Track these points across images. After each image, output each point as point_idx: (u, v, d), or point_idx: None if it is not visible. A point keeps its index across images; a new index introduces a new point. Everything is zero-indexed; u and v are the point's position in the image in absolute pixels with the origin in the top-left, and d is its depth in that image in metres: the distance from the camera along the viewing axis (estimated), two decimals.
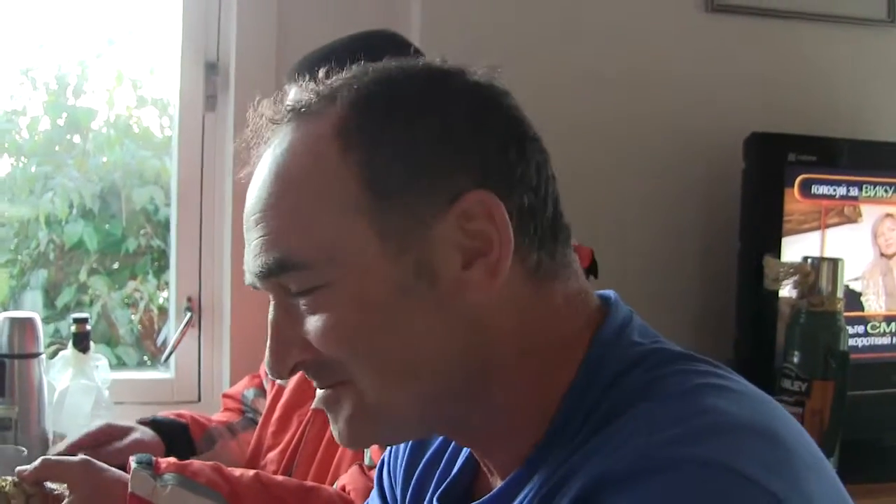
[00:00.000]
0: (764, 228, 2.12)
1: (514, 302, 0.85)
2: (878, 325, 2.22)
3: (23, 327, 1.93)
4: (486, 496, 0.89)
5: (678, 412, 0.76)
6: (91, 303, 2.54)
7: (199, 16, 2.18)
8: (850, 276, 2.13)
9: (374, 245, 0.83)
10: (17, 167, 2.65)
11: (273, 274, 0.85)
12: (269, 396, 1.81)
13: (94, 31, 2.60)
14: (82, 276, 2.59)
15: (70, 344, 2.00)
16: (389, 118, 0.85)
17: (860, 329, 2.20)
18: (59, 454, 1.61)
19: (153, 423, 1.79)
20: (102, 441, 1.70)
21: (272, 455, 1.73)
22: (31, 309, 2.37)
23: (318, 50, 1.66)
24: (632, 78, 2.25)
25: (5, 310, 2.30)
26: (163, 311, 2.57)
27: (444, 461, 1.01)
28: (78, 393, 1.96)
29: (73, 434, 1.90)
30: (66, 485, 1.30)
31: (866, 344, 2.23)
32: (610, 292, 0.93)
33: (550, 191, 0.88)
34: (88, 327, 2.02)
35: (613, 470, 0.73)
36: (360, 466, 1.46)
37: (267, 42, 2.12)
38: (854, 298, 2.17)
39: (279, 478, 1.49)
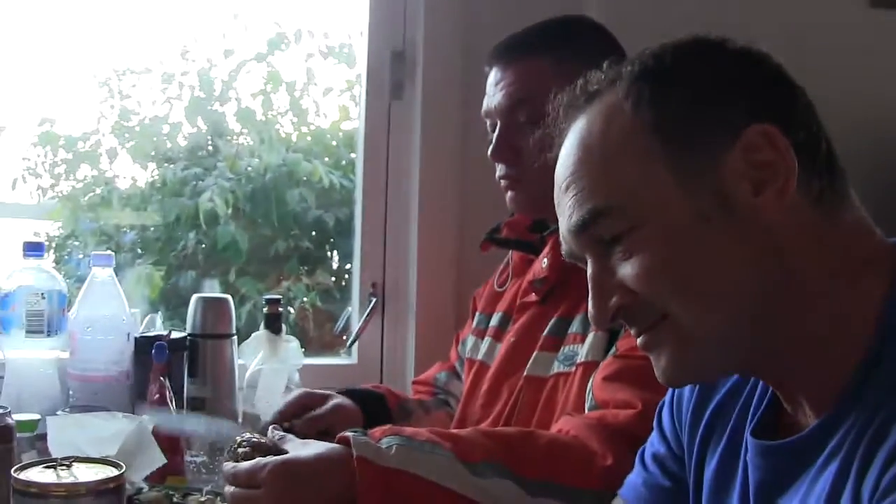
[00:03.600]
0: None
1: (806, 227, 0.93)
2: None
3: (216, 307, 1.94)
4: (807, 429, 0.92)
5: None
6: (242, 303, 2.56)
7: (386, 5, 2.22)
8: None
9: (671, 183, 0.93)
10: (165, 171, 2.68)
11: (588, 224, 0.96)
12: (471, 374, 1.81)
13: (251, 34, 2.65)
14: (231, 277, 2.61)
15: (262, 325, 2.01)
16: (670, 77, 0.97)
17: None
18: (266, 424, 1.63)
19: (349, 393, 1.80)
20: (302, 409, 1.71)
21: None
22: None
23: (516, 34, 1.72)
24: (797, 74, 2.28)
25: (156, 310, 2.29)
26: (317, 308, 2.60)
27: (742, 398, 1.05)
28: (270, 374, 1.96)
29: (266, 414, 1.90)
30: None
31: None
32: None
33: (822, 131, 0.97)
34: (281, 308, 2.01)
35: None
36: (570, 414, 1.48)
37: (453, 30, 2.16)
38: None
39: (498, 428, 1.51)
